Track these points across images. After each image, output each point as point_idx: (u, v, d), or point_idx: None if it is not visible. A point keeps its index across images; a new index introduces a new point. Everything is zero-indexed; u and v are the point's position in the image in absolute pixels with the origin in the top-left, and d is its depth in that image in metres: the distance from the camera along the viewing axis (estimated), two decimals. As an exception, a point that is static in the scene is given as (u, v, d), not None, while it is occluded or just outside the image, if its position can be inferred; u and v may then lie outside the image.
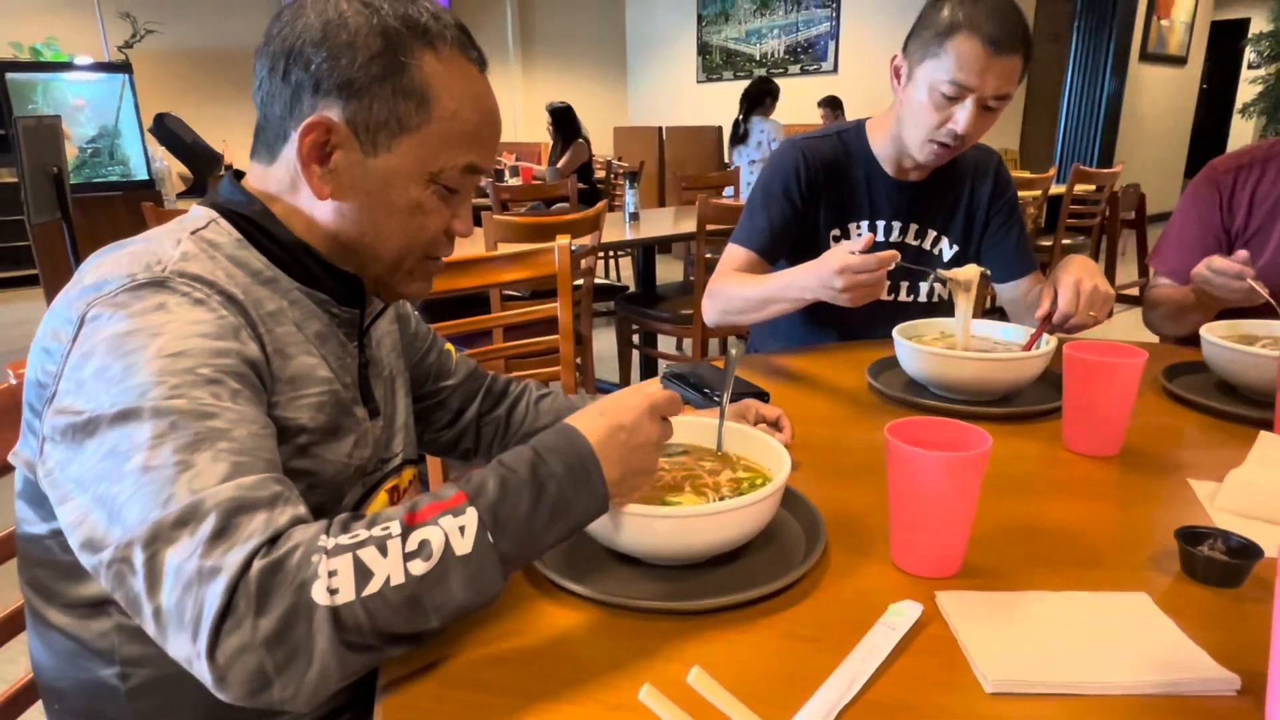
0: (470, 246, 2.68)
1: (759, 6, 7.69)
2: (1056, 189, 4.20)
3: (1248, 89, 7.20)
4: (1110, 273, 4.70)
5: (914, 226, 1.42)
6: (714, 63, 8.26)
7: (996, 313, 3.92)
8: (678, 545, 0.67)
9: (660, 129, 7.10)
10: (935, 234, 1.43)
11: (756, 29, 7.77)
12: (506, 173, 5.08)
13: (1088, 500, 0.85)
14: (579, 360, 2.62)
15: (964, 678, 0.57)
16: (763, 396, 1.10)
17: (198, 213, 0.67)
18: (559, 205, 4.21)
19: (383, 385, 0.77)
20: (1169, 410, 1.09)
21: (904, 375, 1.18)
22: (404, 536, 0.51)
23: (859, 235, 1.40)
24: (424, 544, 0.51)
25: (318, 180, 0.65)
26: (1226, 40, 8.94)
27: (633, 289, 3.38)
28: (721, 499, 0.71)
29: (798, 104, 7.10)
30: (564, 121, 5.39)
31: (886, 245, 1.41)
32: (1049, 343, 1.11)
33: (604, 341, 3.88)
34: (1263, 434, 0.85)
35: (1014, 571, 0.70)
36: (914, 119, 1.26)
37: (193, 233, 0.64)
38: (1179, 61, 7.94)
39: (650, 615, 0.64)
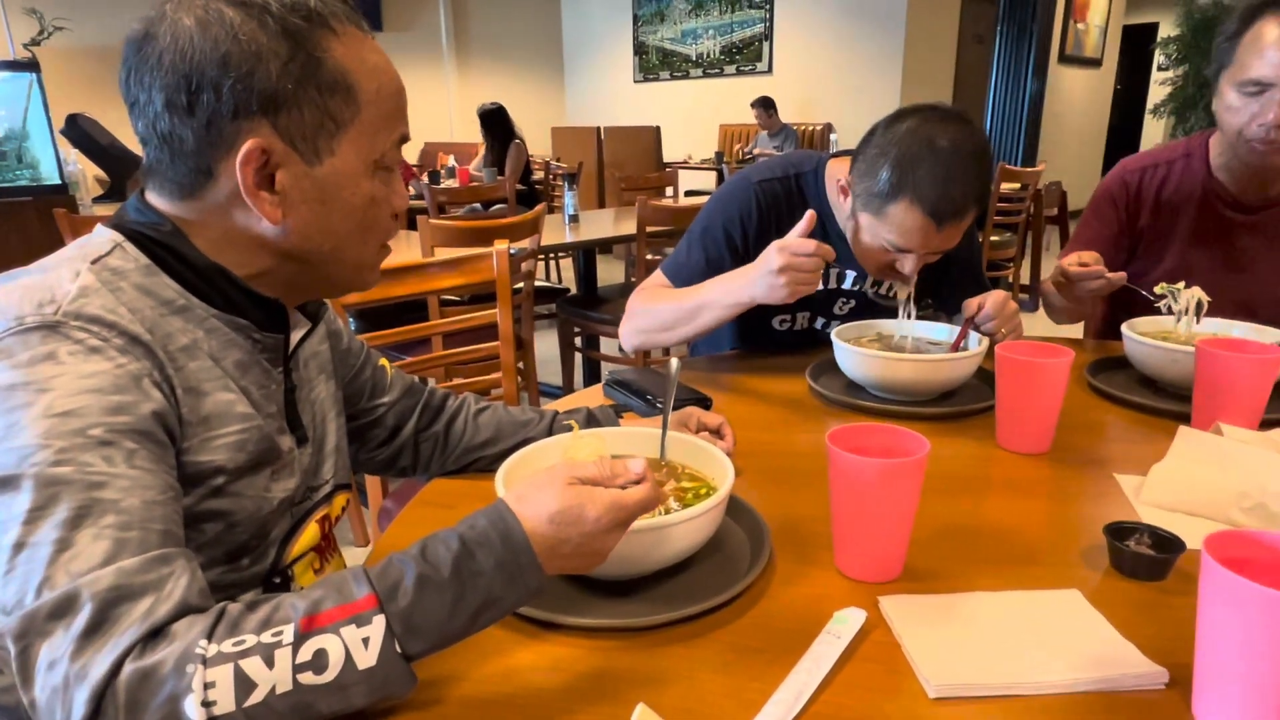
0: (407, 252, 2.63)
1: (694, 7, 7.74)
2: (984, 187, 4.32)
3: (1158, 90, 7.55)
4: (1035, 268, 4.89)
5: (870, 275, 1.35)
6: (651, 63, 8.28)
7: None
8: (623, 560, 0.66)
9: (598, 129, 7.08)
10: (890, 285, 1.36)
11: (692, 29, 7.82)
12: (442, 174, 4.99)
13: (1022, 498, 0.87)
14: (521, 365, 2.60)
15: (908, 683, 0.58)
16: (705, 403, 1.10)
17: (101, 237, 0.62)
18: (497, 207, 4.16)
19: (312, 409, 0.74)
20: (1095, 405, 1.13)
21: (844, 377, 1.19)
22: (296, 645, 0.47)
23: None
24: (320, 654, 0.48)
25: (270, 207, 0.60)
26: (1138, 43, 9.36)
27: (574, 291, 3.36)
28: (666, 511, 0.71)
29: (736, 105, 7.17)
30: (495, 123, 5.33)
31: (838, 292, 1.37)
32: (981, 343, 1.13)
33: (546, 344, 3.84)
34: (1182, 429, 0.88)
35: (953, 572, 0.71)
36: (862, 251, 1.23)
37: (94, 261, 0.58)
38: (1094, 64, 8.29)
39: (595, 635, 0.63)
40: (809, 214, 1.08)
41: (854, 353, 1.12)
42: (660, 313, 1.26)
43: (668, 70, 8.14)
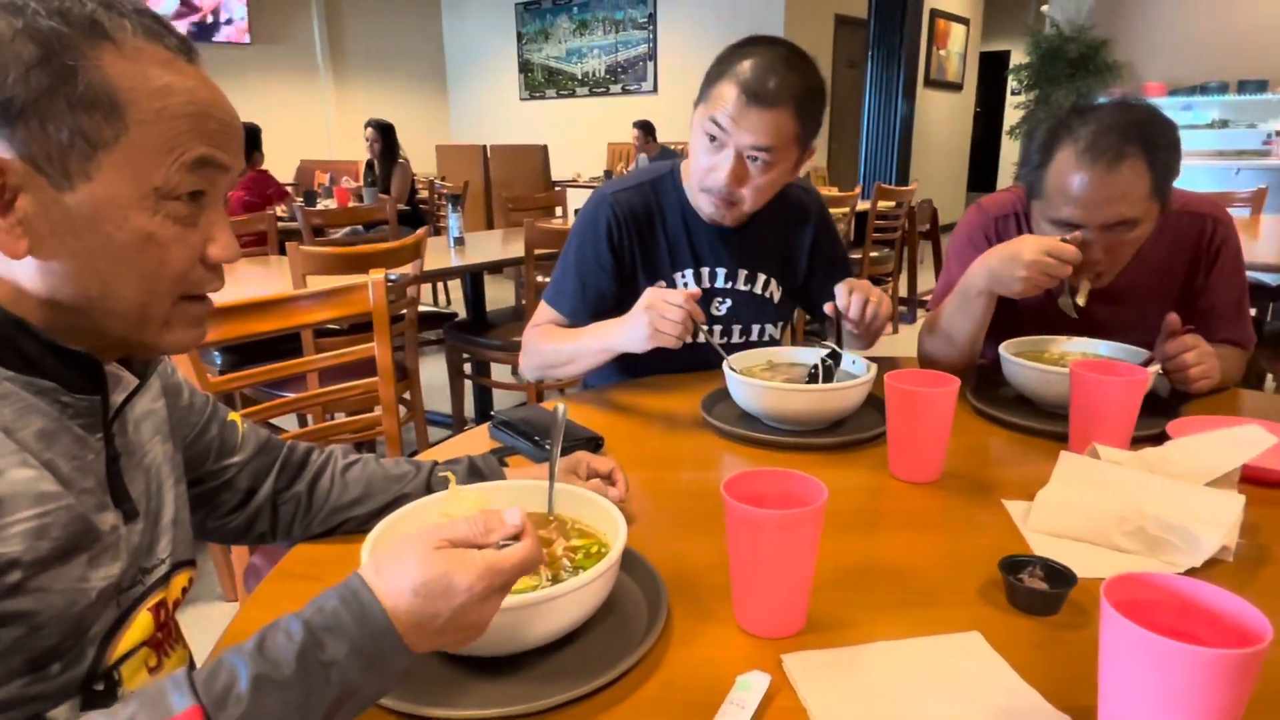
0: (278, 281, 2.46)
1: (578, 26, 7.76)
2: (863, 205, 4.50)
3: (1013, 113, 8.13)
4: (912, 280, 5.12)
5: (743, 272, 1.39)
6: (536, 81, 8.23)
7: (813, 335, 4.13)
8: (506, 639, 0.60)
9: (484, 147, 6.97)
10: (765, 278, 1.41)
11: (577, 48, 7.83)
12: (319, 194, 4.75)
13: (917, 531, 0.87)
14: (406, 396, 2.47)
15: (816, 755, 0.54)
16: (596, 442, 1.05)
17: None
18: (380, 228, 3.99)
19: (144, 478, 0.64)
20: (980, 428, 1.15)
21: (737, 407, 1.17)
22: None
23: (684, 284, 1.38)
24: None
25: (5, 235, 0.51)
26: (994, 69, 10.06)
27: (462, 316, 3.25)
28: (555, 578, 0.65)
29: (623, 123, 7.21)
30: (387, 139, 5.15)
31: (714, 291, 1.39)
32: (869, 369, 1.14)
33: (434, 371, 3.71)
34: (1063, 454, 0.90)
35: (856, 620, 0.69)
36: (692, 163, 1.27)
37: None
38: (956, 88, 8.83)
39: (478, 725, 0.57)
40: (694, 290, 1.14)
41: (746, 384, 1.10)
42: (548, 353, 1.31)
43: (554, 88, 8.11)
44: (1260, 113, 6.31)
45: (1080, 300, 1.24)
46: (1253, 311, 3.20)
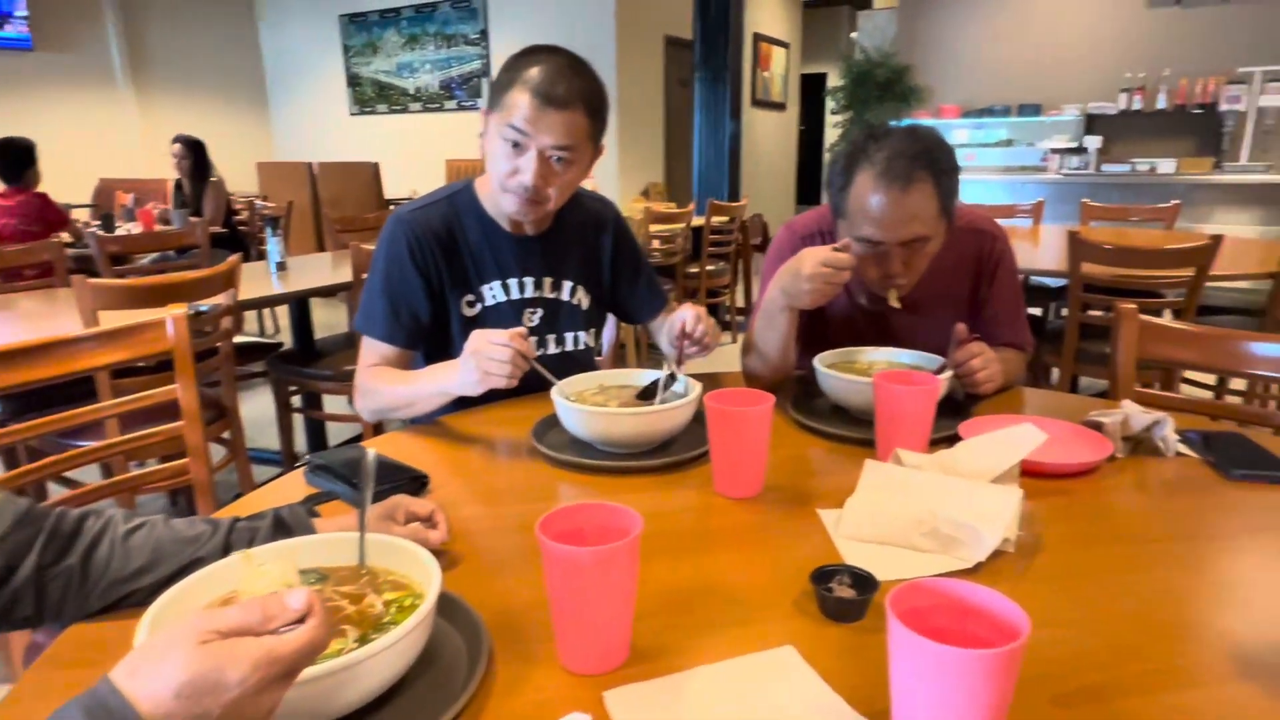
0: (64, 320, 2.20)
1: (408, 40, 7.54)
2: (698, 220, 4.65)
3: (832, 131, 8.71)
4: (748, 291, 5.35)
5: (548, 280, 1.43)
6: (366, 95, 7.93)
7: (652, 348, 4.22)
8: (314, 710, 0.56)
9: (311, 165, 6.61)
10: (570, 284, 1.45)
11: (408, 63, 7.61)
12: (117, 218, 4.32)
13: (738, 548, 0.89)
14: (227, 435, 2.29)
15: (635, 793, 0.54)
16: (421, 481, 1.01)
17: None
18: (193, 254, 3.69)
19: None
20: (799, 440, 1.21)
21: (568, 433, 1.16)
22: None
23: (493, 296, 1.39)
24: None
25: None
26: (814, 90, 10.74)
27: (288, 345, 3.06)
28: (362, 637, 0.62)
29: (461, 138, 7.07)
30: (197, 156, 4.77)
31: (524, 301, 1.41)
32: (694, 388, 1.17)
33: (261, 406, 3.46)
34: (868, 461, 0.96)
35: (679, 647, 0.70)
36: (492, 169, 1.29)
37: None
38: (780, 107, 9.34)
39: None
40: (520, 329, 1.12)
41: (574, 410, 1.09)
42: (385, 396, 1.28)
43: (385, 103, 7.84)
44: (1038, 133, 7.11)
45: (894, 302, 1.36)
46: (1037, 311, 3.58)
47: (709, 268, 4.65)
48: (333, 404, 3.04)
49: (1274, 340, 1.34)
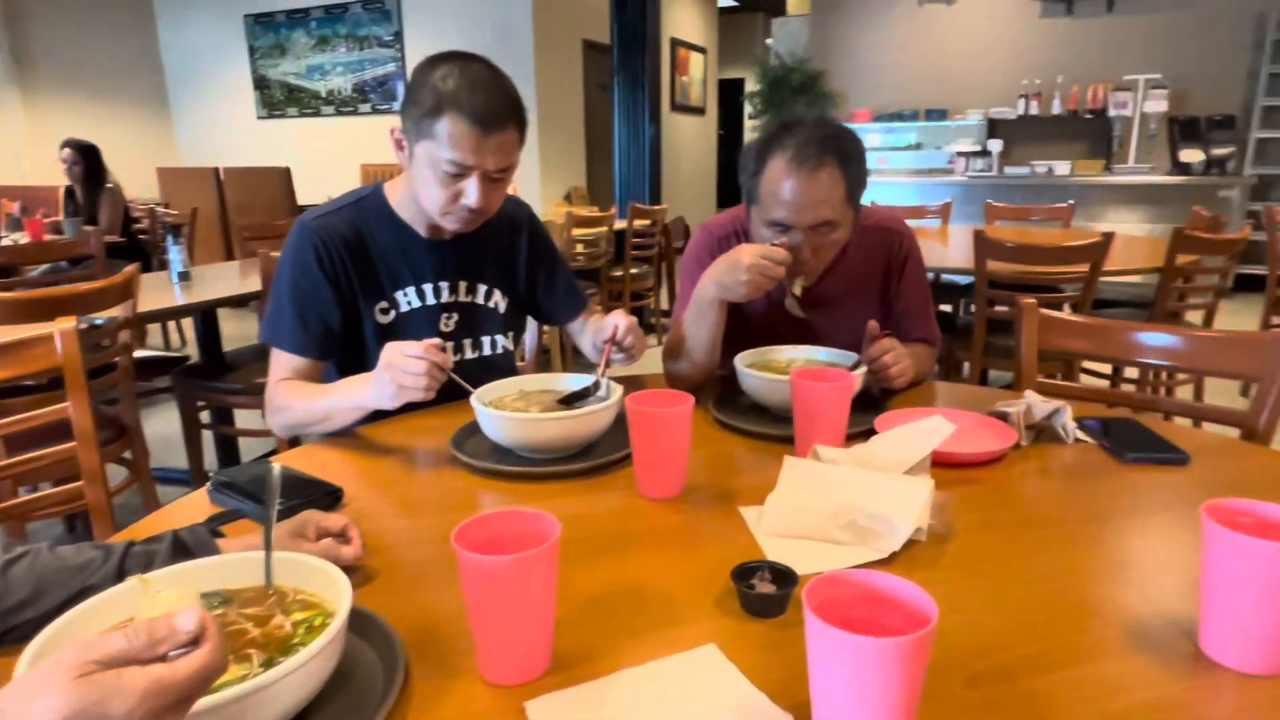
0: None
1: (318, 42, 7.32)
2: (620, 224, 4.66)
3: (751, 135, 8.87)
4: (671, 294, 5.39)
5: (464, 284, 1.41)
6: (275, 98, 7.65)
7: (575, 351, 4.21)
8: (212, 741, 0.53)
9: (217, 170, 6.35)
10: (486, 288, 1.43)
11: (319, 65, 7.39)
12: (3, 228, 4.05)
13: (659, 549, 0.89)
14: (128, 455, 2.16)
15: (558, 803, 0.53)
16: (335, 495, 0.98)
17: None
18: (87, 264, 3.48)
19: None
20: (721, 439, 1.22)
21: (489, 441, 1.14)
22: None
23: (408, 303, 1.36)
24: None
25: None
26: (732, 95, 10.92)
27: (195, 359, 2.92)
28: (269, 661, 0.59)
29: (377, 143, 6.90)
30: (90, 162, 4.51)
31: (440, 307, 1.38)
32: (616, 390, 1.16)
33: (168, 423, 3.30)
34: (787, 458, 0.97)
35: (602, 651, 0.69)
36: (428, 194, 1.25)
37: None
38: (700, 111, 9.45)
39: None
40: (435, 340, 1.09)
41: (494, 417, 1.08)
42: (298, 412, 1.23)
43: (295, 107, 7.58)
44: (944, 137, 7.40)
45: (796, 292, 1.40)
46: (948, 308, 3.72)
47: (633, 271, 4.67)
48: (246, 419, 2.91)
49: (1162, 330, 1.43)
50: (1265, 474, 1.07)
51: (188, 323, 5.04)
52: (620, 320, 1.27)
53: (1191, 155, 6.27)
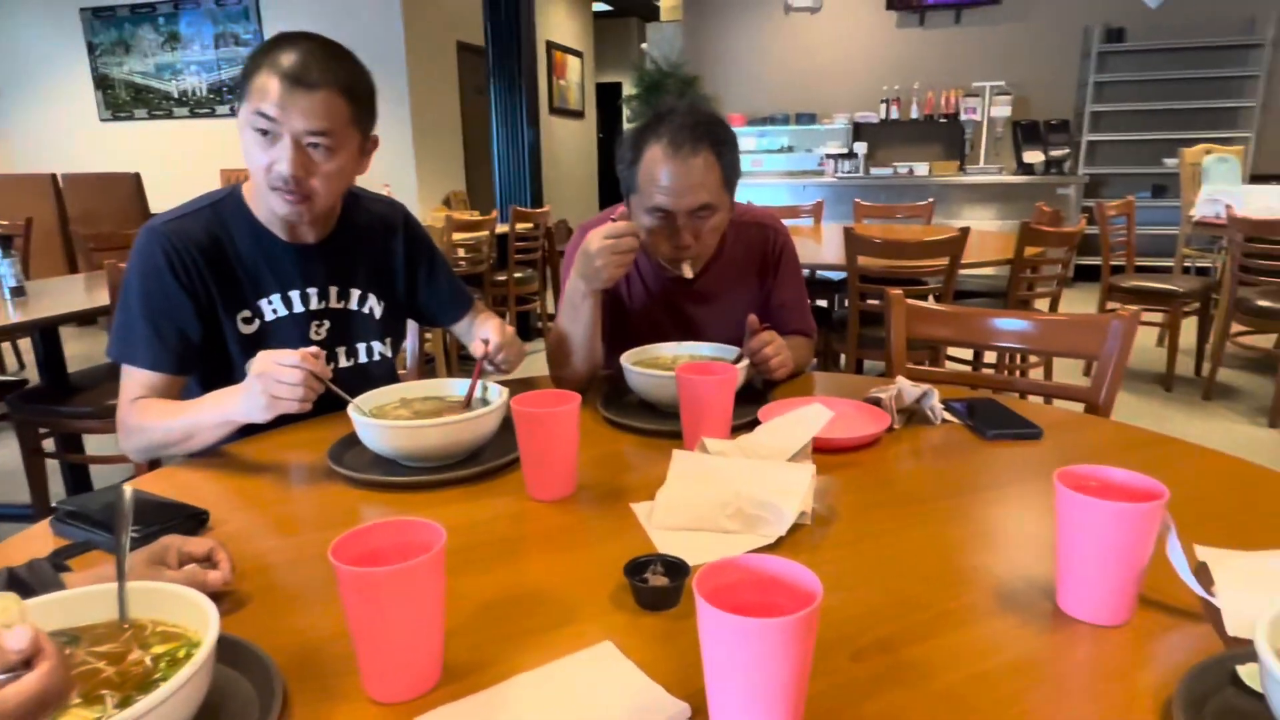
0: None
1: (167, 39, 6.85)
2: (502, 228, 4.60)
3: (630, 138, 8.94)
4: (558, 298, 5.35)
5: (334, 289, 1.34)
6: (120, 99, 7.11)
7: (462, 358, 4.12)
8: (57, 794, 0.48)
9: (55, 176, 5.82)
10: (360, 293, 1.37)
11: (170, 64, 6.92)
12: None
13: (551, 551, 0.88)
14: (-44, 491, 1.95)
15: (453, 818, 0.51)
16: (199, 519, 0.91)
17: None
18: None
19: None
20: (611, 437, 1.21)
21: (369, 452, 1.10)
22: None
23: (273, 311, 1.29)
24: None
25: None
26: (611, 98, 10.98)
27: (34, 382, 2.67)
28: (125, 700, 0.54)
29: (238, 147, 6.52)
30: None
31: (309, 314, 1.32)
32: (501, 393, 1.14)
33: (6, 453, 3.00)
34: (675, 452, 0.98)
35: (497, 658, 0.67)
36: (251, 165, 1.19)
37: None
38: (579, 115, 9.46)
39: None
40: (313, 349, 1.04)
41: (374, 426, 1.03)
42: (157, 432, 1.14)
43: (144, 108, 7.07)
44: (814, 140, 7.72)
45: (687, 274, 1.42)
46: (823, 303, 3.88)
47: (517, 275, 4.61)
48: (97, 444, 2.69)
49: (1014, 316, 1.54)
50: (1108, 442, 1.17)
51: (26, 344, 4.60)
52: (492, 337, 1.25)
53: (1033, 156, 6.81)
